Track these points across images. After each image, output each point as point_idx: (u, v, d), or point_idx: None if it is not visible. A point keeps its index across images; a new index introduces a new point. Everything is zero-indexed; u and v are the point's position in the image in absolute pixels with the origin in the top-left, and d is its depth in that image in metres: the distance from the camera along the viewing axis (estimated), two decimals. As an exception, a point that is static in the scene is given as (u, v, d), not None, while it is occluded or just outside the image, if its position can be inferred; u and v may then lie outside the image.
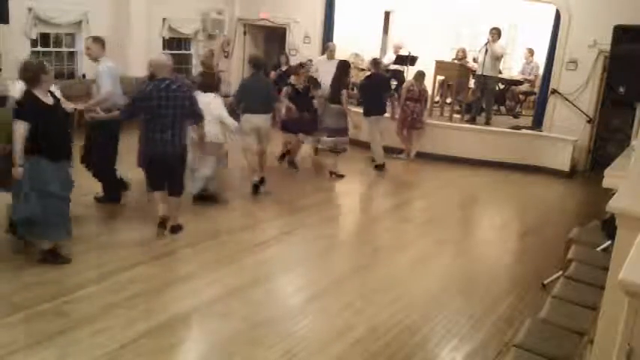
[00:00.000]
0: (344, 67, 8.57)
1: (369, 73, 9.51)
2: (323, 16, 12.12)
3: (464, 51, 11.61)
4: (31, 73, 4.61)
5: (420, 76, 9.81)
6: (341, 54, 10.72)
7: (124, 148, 6.21)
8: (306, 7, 12.22)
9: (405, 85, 9.82)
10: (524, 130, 10.30)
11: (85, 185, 6.06)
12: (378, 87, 9.07)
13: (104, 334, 3.90)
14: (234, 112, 7.04)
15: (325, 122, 8.39)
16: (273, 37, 13.48)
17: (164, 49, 11.61)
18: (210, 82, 6.81)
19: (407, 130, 9.87)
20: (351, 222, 7.05)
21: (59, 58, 10.28)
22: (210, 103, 6.29)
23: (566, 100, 9.97)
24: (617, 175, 4.30)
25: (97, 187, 6.25)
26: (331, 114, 8.32)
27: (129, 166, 6.23)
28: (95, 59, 6.08)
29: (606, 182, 4.52)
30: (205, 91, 6.47)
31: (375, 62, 9.24)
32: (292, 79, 8.57)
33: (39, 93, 4.65)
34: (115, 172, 6.21)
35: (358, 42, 12.83)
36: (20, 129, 4.47)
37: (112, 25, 10.67)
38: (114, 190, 6.24)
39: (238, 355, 3.83)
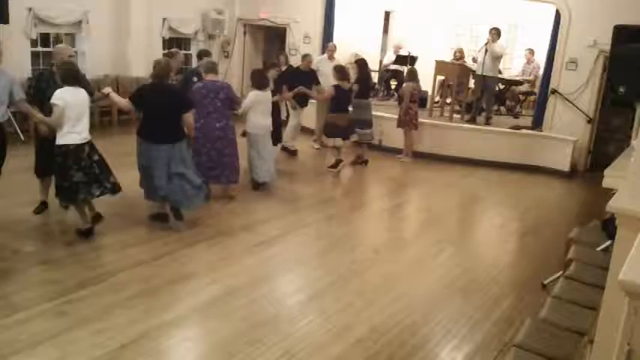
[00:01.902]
0: (367, 64, 9.50)
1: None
2: (323, 16, 12.11)
3: (461, 51, 11.60)
4: (165, 70, 5.77)
5: (416, 75, 9.84)
6: (341, 54, 10.73)
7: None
8: (306, 7, 12.22)
9: (407, 89, 9.70)
10: (524, 130, 10.29)
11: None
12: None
13: (104, 334, 3.90)
14: None
15: (364, 116, 9.21)
16: (273, 37, 13.48)
17: (164, 49, 11.60)
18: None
19: (408, 130, 9.85)
20: (351, 222, 7.05)
21: (59, 58, 10.26)
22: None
23: (566, 100, 9.97)
24: (617, 175, 4.29)
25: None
26: (365, 108, 9.22)
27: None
28: None
29: (606, 182, 4.51)
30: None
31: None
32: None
33: None
34: None
35: (358, 42, 12.84)
36: None
37: (112, 25, 10.68)
38: None
39: (238, 355, 3.83)
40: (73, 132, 5.21)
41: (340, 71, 8.68)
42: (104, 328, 3.97)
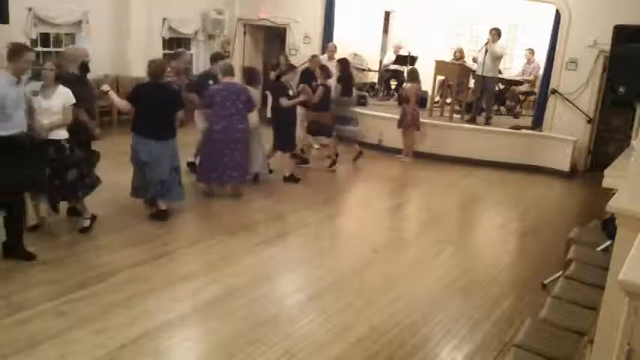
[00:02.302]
0: (349, 64, 9.60)
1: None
2: (323, 16, 12.10)
3: (461, 51, 11.59)
4: (159, 69, 5.89)
5: (418, 75, 9.83)
6: (341, 54, 10.73)
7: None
8: (306, 7, 12.21)
9: (412, 90, 9.70)
10: (524, 130, 10.29)
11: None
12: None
13: (104, 334, 3.91)
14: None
15: (344, 113, 9.20)
16: (273, 37, 13.48)
17: (164, 49, 11.61)
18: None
19: (410, 130, 9.85)
20: (351, 222, 7.05)
21: (59, 58, 10.26)
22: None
23: (566, 100, 9.97)
24: (617, 175, 4.29)
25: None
26: (347, 105, 9.26)
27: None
28: None
29: (606, 182, 4.52)
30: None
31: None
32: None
33: None
34: None
35: (358, 42, 12.83)
36: None
37: (112, 25, 10.67)
38: None
39: (238, 355, 3.83)
40: None
41: (325, 70, 8.75)
42: (104, 328, 3.97)
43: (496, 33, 10.18)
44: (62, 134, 5.22)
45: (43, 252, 5.06)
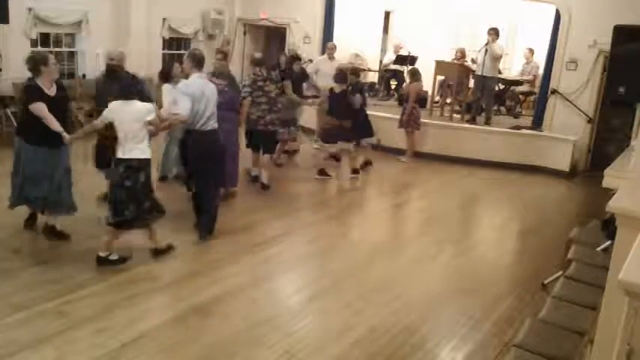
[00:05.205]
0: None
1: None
2: (323, 16, 12.11)
3: (462, 51, 11.60)
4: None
5: (420, 74, 9.82)
6: (341, 54, 10.73)
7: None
8: (306, 7, 12.21)
9: (415, 88, 9.67)
10: (524, 130, 10.29)
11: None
12: None
13: (104, 333, 3.91)
14: None
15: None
16: (273, 37, 13.48)
17: (164, 49, 11.62)
18: None
19: (412, 130, 9.84)
20: (350, 222, 7.05)
21: (59, 58, 10.26)
22: None
23: (566, 100, 9.97)
24: (617, 175, 4.30)
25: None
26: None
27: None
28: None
29: (606, 182, 4.52)
30: None
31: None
32: None
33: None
34: None
35: (358, 42, 12.83)
36: None
37: (112, 25, 10.68)
38: None
39: (238, 355, 3.83)
40: None
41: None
42: (104, 328, 3.97)
43: (494, 33, 10.18)
44: None
45: (44, 252, 5.06)
